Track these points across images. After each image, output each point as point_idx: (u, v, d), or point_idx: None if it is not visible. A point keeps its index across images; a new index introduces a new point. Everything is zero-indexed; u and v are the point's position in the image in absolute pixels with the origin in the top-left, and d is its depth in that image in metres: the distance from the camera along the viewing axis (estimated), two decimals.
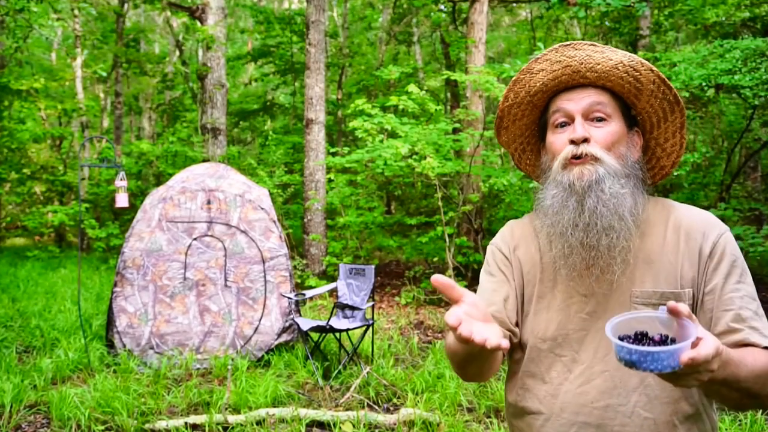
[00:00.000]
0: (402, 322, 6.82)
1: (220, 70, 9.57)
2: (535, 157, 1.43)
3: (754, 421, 3.69)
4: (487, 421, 3.93)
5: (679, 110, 1.28)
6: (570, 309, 1.28)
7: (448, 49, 13.73)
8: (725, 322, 1.19)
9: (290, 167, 13.13)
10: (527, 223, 1.42)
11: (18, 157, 14.59)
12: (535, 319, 1.32)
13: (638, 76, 1.24)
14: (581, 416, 1.24)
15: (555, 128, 1.30)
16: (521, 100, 1.33)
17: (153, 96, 19.52)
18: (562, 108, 1.28)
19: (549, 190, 1.28)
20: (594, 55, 1.24)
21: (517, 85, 1.32)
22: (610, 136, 1.25)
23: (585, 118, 1.26)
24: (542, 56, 1.28)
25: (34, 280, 9.28)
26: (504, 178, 7.33)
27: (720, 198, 8.12)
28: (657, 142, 1.35)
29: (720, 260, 1.23)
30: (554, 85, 1.29)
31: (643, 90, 1.26)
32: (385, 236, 10.50)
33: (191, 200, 5.40)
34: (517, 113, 1.36)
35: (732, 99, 8.89)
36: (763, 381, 1.13)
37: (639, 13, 8.20)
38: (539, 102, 1.33)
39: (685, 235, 1.25)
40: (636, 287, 1.24)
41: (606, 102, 1.26)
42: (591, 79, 1.26)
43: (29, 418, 3.97)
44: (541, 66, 1.28)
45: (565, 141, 1.26)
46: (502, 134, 1.41)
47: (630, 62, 1.23)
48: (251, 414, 3.89)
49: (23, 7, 7.93)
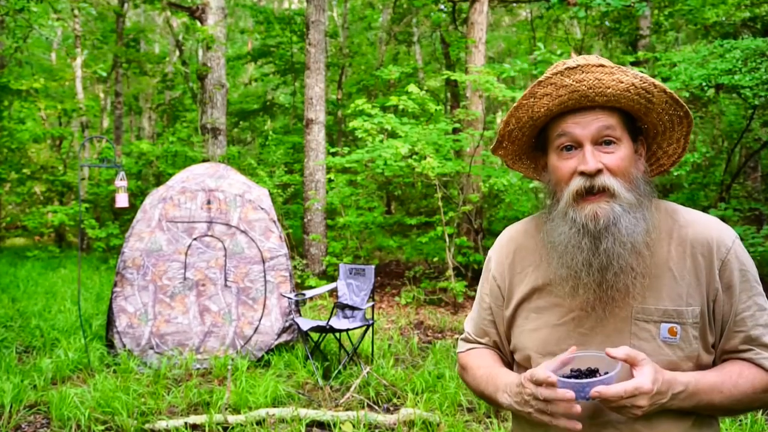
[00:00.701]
0: (402, 322, 6.82)
1: (220, 70, 9.57)
2: (530, 160, 1.40)
3: (755, 421, 3.69)
4: (487, 421, 3.93)
5: (687, 122, 1.25)
6: (569, 324, 1.26)
7: (448, 49, 13.73)
8: (735, 344, 1.21)
9: (290, 167, 13.13)
10: (526, 231, 1.39)
11: (18, 157, 14.60)
12: (534, 334, 1.30)
13: (650, 98, 1.19)
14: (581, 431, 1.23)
15: (560, 151, 1.23)
16: (523, 124, 1.27)
17: (153, 96, 19.52)
18: (568, 132, 1.21)
19: (558, 225, 1.22)
20: (603, 78, 1.17)
21: (520, 111, 1.25)
22: (623, 162, 1.19)
23: (593, 143, 1.19)
24: (546, 80, 1.20)
25: (34, 280, 9.28)
26: (504, 178, 7.33)
27: (720, 198, 8.11)
28: (659, 146, 1.32)
29: (730, 278, 1.20)
30: (559, 109, 1.22)
31: (653, 109, 1.22)
32: (385, 236, 10.51)
33: (191, 200, 5.40)
34: (517, 135, 1.31)
35: (732, 99, 8.89)
36: (745, 403, 1.18)
37: (639, 13, 8.20)
38: (541, 123, 1.27)
39: (691, 248, 1.22)
40: (638, 303, 1.21)
41: (615, 124, 1.20)
42: (599, 102, 1.19)
43: (29, 418, 3.97)
44: (545, 90, 1.20)
45: (573, 169, 1.19)
46: (499, 151, 1.37)
47: (642, 84, 1.17)
48: (251, 414, 3.89)
49: (23, 7, 7.93)
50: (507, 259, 1.38)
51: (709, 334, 1.21)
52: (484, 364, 1.37)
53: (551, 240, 1.24)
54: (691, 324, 1.19)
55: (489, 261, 1.44)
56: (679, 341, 1.19)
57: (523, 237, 1.39)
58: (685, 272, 1.21)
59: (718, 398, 1.15)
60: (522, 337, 1.32)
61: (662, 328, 1.19)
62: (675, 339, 1.18)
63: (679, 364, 1.18)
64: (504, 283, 1.38)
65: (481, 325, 1.43)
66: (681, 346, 1.19)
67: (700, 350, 1.20)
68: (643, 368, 1.10)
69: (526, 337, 1.31)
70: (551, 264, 1.25)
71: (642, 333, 1.20)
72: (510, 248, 1.39)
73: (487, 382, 1.32)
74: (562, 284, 1.23)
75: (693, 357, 1.19)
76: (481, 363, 1.38)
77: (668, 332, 1.19)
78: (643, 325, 1.20)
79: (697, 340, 1.19)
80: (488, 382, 1.31)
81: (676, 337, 1.18)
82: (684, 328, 1.19)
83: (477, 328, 1.45)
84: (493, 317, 1.41)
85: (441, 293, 7.98)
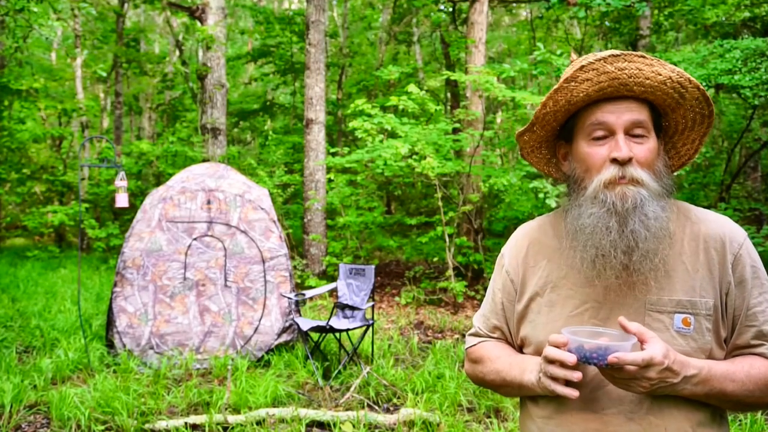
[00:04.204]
0: (402, 322, 6.82)
1: (220, 70, 9.57)
2: (549, 152, 1.42)
3: (754, 421, 3.69)
4: (487, 421, 3.93)
5: (708, 122, 1.27)
6: (583, 315, 1.28)
7: (448, 49, 13.72)
8: (747, 339, 1.23)
9: (290, 167, 13.13)
10: (540, 228, 1.42)
11: (18, 157, 14.61)
12: (548, 326, 1.31)
13: (684, 93, 1.22)
14: (593, 423, 1.23)
15: (591, 140, 1.25)
16: (560, 108, 1.29)
17: (153, 96, 19.51)
18: (603, 121, 1.24)
19: (587, 208, 1.24)
20: (644, 68, 1.20)
21: (559, 94, 1.27)
22: (651, 154, 1.23)
23: (625, 132, 1.23)
24: (588, 65, 1.22)
25: (34, 280, 9.28)
26: (504, 178, 7.33)
27: (720, 198, 8.11)
28: (674, 146, 1.34)
29: (743, 273, 1.23)
30: (597, 96, 1.24)
31: (683, 104, 1.25)
32: (385, 236, 10.51)
33: (191, 200, 5.40)
34: (550, 120, 1.33)
35: (732, 99, 8.89)
36: (757, 396, 1.19)
37: (639, 13, 8.19)
38: (575, 108, 1.29)
39: (704, 243, 1.25)
40: (652, 295, 1.23)
41: (646, 119, 1.23)
42: (636, 92, 1.23)
43: (29, 418, 3.97)
44: (587, 75, 1.23)
45: (605, 157, 1.22)
46: (526, 136, 1.38)
47: (678, 78, 1.21)
48: (251, 414, 3.89)
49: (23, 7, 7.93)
50: (520, 254, 1.41)
51: (722, 328, 1.22)
52: (505, 353, 1.39)
53: (579, 224, 1.25)
54: (705, 315, 1.21)
55: (502, 257, 1.46)
56: (693, 332, 1.21)
57: (537, 232, 1.42)
58: (698, 265, 1.23)
59: (730, 387, 1.16)
60: (535, 330, 1.33)
61: (676, 319, 1.21)
62: (689, 329, 1.21)
63: (692, 355, 1.19)
64: (517, 277, 1.39)
65: (493, 320, 1.44)
66: (694, 337, 1.21)
67: (713, 344, 1.21)
68: (654, 343, 1.11)
69: (540, 330, 1.32)
70: (576, 249, 1.26)
71: (656, 324, 1.21)
72: (524, 243, 1.42)
73: (511, 366, 1.33)
74: (588, 268, 1.24)
75: (706, 350, 1.21)
76: (500, 353, 1.40)
77: (682, 323, 1.21)
78: (656, 316, 1.22)
79: (710, 332, 1.21)
80: (512, 366, 1.33)
81: (690, 328, 1.21)
82: (697, 319, 1.21)
83: (488, 323, 1.46)
84: (504, 312, 1.42)
85: (441, 293, 7.98)
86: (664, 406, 1.19)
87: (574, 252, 1.27)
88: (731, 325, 1.23)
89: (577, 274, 1.28)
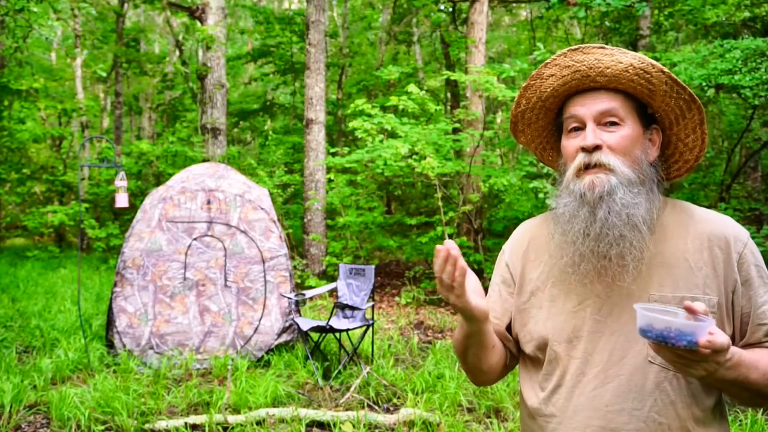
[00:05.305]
0: (402, 322, 6.82)
1: (220, 70, 9.57)
2: (557, 154, 1.43)
3: (755, 421, 3.69)
4: (487, 421, 3.93)
5: (696, 108, 1.27)
6: (585, 311, 1.28)
7: (448, 49, 13.73)
8: (759, 337, 1.22)
9: (290, 167, 13.13)
10: (541, 224, 1.43)
11: (18, 157, 14.61)
12: (549, 321, 1.31)
13: (650, 78, 1.22)
14: (595, 420, 1.23)
15: (569, 133, 1.30)
16: (533, 105, 1.34)
17: (153, 96, 19.51)
18: (574, 114, 1.28)
19: (562, 197, 1.28)
20: (603, 59, 1.22)
21: (528, 91, 1.33)
22: (623, 140, 1.24)
23: (597, 123, 1.25)
24: (551, 61, 1.27)
25: (34, 280, 9.28)
26: (504, 178, 7.33)
27: (720, 198, 8.11)
28: (678, 138, 1.34)
29: (748, 272, 1.23)
30: (565, 90, 1.28)
31: (656, 91, 1.24)
32: (385, 236, 10.51)
33: (191, 200, 5.40)
34: (531, 117, 1.37)
35: (732, 99, 8.89)
36: None
37: (639, 13, 8.19)
38: (552, 106, 1.34)
39: (708, 242, 1.25)
40: (654, 291, 1.23)
41: (618, 106, 1.25)
42: (602, 83, 1.25)
43: (29, 418, 3.96)
44: (551, 71, 1.28)
45: (577, 147, 1.25)
46: (520, 136, 1.43)
47: (640, 65, 1.21)
48: (251, 414, 3.89)
49: (23, 7, 7.93)
50: (521, 248, 1.42)
51: (726, 326, 1.22)
52: None
53: (559, 213, 1.28)
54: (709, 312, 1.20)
55: (503, 253, 1.47)
56: None
57: (538, 229, 1.43)
58: (702, 263, 1.23)
59: (754, 375, 1.15)
60: (537, 326, 1.33)
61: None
62: None
63: None
64: (516, 269, 1.41)
65: (491, 315, 1.43)
66: None
67: None
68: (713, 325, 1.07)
69: (542, 325, 1.32)
70: (554, 236, 1.30)
71: None
72: (525, 238, 1.43)
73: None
74: (564, 257, 1.27)
75: None
76: None
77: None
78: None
79: None
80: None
81: None
82: None
83: None
84: (503, 306, 1.42)
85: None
86: (667, 403, 1.19)
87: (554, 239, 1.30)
88: (738, 325, 1.23)
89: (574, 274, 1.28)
